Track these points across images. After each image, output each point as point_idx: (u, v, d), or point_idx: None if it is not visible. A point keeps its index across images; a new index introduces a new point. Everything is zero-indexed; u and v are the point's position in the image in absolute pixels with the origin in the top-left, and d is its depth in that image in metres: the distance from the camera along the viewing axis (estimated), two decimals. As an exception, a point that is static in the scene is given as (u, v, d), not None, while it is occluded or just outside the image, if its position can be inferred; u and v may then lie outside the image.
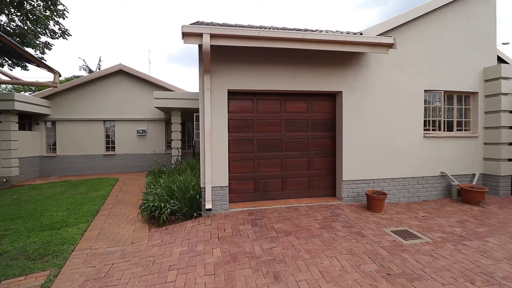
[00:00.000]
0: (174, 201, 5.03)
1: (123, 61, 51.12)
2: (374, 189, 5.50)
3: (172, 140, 10.72)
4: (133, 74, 11.97)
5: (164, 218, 4.75)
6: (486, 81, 6.37)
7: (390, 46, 5.02)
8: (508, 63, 9.53)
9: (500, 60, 9.59)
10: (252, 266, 3.15)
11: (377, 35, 5.39)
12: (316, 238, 3.87)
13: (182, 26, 4.21)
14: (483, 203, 5.53)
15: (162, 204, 4.96)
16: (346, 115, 5.53)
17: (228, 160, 5.19)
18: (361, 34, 5.32)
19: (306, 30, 6.22)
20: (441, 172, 6.00)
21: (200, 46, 4.81)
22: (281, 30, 4.59)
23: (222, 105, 5.05)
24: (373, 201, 4.96)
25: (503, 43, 19.56)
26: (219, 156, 5.04)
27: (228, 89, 5.10)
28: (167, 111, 10.89)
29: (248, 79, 5.15)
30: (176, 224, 4.70)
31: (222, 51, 4.93)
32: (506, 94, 6.17)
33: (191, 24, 4.41)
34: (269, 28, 6.23)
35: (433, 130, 6.15)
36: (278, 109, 5.62)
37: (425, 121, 6.07)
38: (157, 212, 4.90)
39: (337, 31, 6.43)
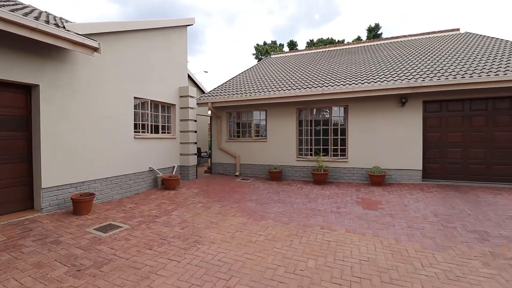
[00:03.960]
0: None
1: None
2: (82, 191, 5.34)
3: None
4: None
5: None
6: (180, 96, 8.56)
7: (95, 49, 5.14)
8: (199, 86, 13.44)
9: (195, 83, 13.27)
10: None
11: (85, 34, 5.26)
12: (-14, 266, 3.04)
13: None
14: (178, 187, 7.39)
15: None
16: (47, 112, 4.84)
17: None
18: (64, 27, 4.92)
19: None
20: (150, 167, 7.20)
21: None
22: None
23: None
24: (80, 204, 4.82)
25: (204, 71, 26.90)
26: None
27: None
28: None
29: None
30: None
31: None
32: (192, 108, 8.72)
33: None
34: None
35: (142, 132, 7.18)
36: None
37: (136, 124, 6.92)
38: None
39: (49, 15, 5.49)
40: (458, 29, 11.52)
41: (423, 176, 7.32)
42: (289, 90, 8.27)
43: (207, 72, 27.20)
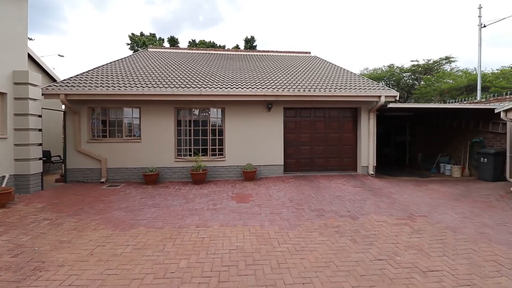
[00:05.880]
0: None
1: None
2: None
3: None
4: None
5: None
6: (15, 83, 6.49)
7: None
8: (48, 73, 10.67)
9: (42, 68, 10.43)
10: None
11: None
12: None
13: None
14: (11, 204, 5.57)
15: None
16: None
17: None
18: None
19: None
20: (-44, 180, 5.07)
21: None
22: None
23: None
24: None
25: (59, 55, 21.38)
26: None
27: None
28: None
29: None
30: None
31: None
32: (35, 99, 6.79)
33: None
34: None
35: None
36: None
37: None
38: None
39: None
40: (309, 52, 14.53)
41: (284, 170, 8.76)
42: (167, 88, 7.89)
43: (63, 56, 21.92)
